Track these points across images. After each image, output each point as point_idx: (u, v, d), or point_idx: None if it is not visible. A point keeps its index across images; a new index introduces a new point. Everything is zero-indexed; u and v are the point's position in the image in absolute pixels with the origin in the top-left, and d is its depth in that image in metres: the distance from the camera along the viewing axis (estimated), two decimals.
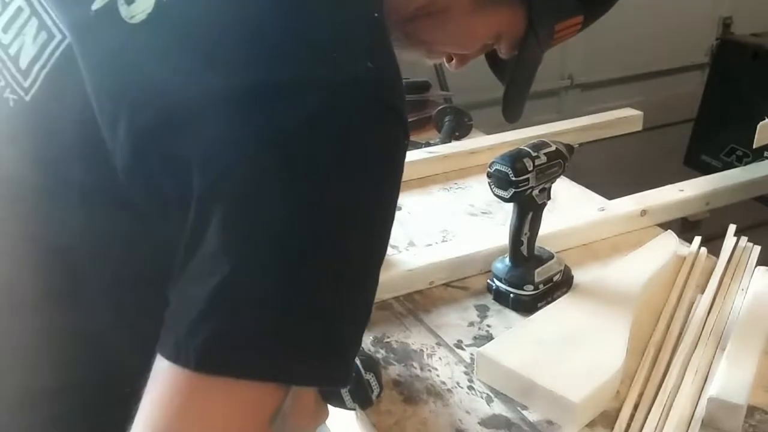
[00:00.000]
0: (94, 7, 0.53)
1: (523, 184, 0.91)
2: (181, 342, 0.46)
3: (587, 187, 1.32)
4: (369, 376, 0.75)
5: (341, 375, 0.51)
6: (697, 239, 1.10)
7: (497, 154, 0.94)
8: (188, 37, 0.50)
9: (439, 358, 0.88)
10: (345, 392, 0.74)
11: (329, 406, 0.76)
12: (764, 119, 1.25)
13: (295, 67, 0.48)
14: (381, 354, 0.89)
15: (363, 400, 0.76)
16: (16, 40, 0.57)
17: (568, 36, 0.78)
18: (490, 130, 1.56)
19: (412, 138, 1.56)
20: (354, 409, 0.76)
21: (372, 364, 0.77)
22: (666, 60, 2.67)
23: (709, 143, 2.41)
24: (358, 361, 0.76)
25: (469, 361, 0.87)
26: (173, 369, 0.45)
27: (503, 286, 0.97)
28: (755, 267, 1.03)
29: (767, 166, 1.34)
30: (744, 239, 1.10)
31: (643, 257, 1.03)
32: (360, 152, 0.49)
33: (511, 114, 0.82)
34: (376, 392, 0.76)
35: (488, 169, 0.93)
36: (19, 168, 0.56)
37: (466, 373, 0.86)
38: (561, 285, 0.98)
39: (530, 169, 0.91)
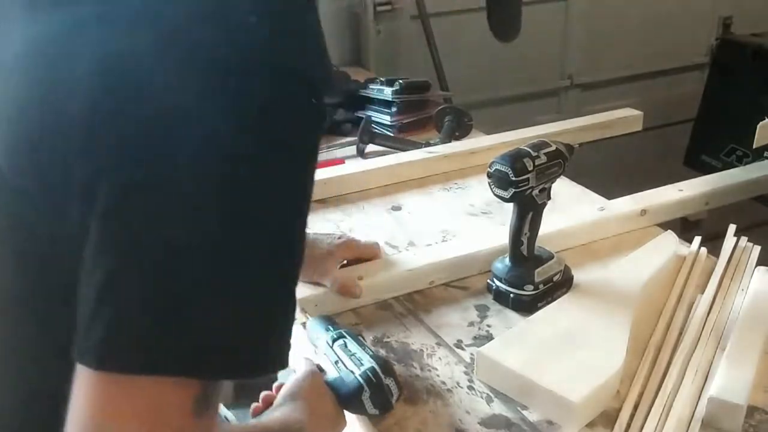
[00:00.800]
0: None
1: (523, 184, 0.91)
2: (81, 342, 0.46)
3: (587, 187, 1.33)
4: (388, 381, 0.76)
5: (253, 364, 0.50)
6: (697, 239, 1.10)
7: (497, 154, 0.94)
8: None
9: (439, 358, 0.88)
10: (366, 399, 0.75)
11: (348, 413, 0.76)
12: (764, 119, 1.25)
13: (195, 48, 0.47)
14: (381, 354, 0.89)
15: (384, 405, 0.76)
16: None
17: None
18: (490, 130, 1.56)
19: (413, 138, 1.56)
20: (376, 415, 0.77)
21: (389, 368, 0.78)
22: (666, 60, 2.66)
23: (709, 143, 2.40)
24: (377, 367, 0.76)
25: (469, 361, 0.87)
26: (82, 370, 0.46)
27: (503, 286, 0.97)
28: (755, 267, 1.03)
29: (766, 165, 1.34)
30: (744, 239, 1.10)
31: (643, 257, 1.03)
32: (266, 132, 0.48)
33: (502, 31, 0.79)
34: (395, 396, 0.77)
35: (488, 169, 0.93)
36: None
37: (466, 373, 0.86)
38: (561, 285, 0.99)
39: (530, 169, 0.91)
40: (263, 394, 0.77)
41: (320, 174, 1.58)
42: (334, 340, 0.82)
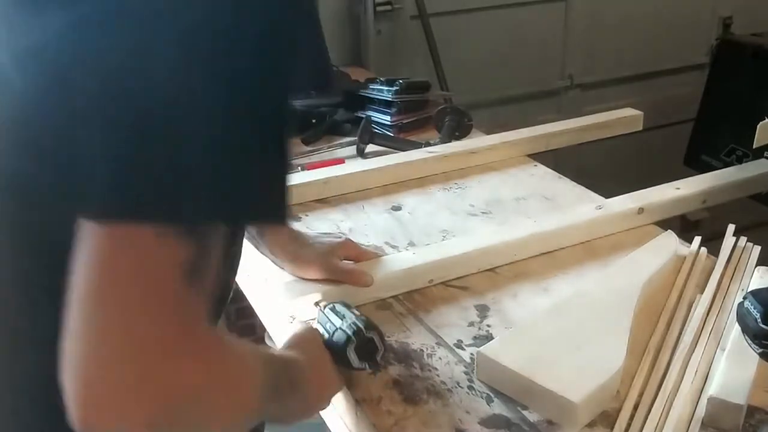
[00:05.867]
0: None
1: None
2: (84, 195, 0.46)
3: (587, 187, 1.33)
4: (371, 334, 0.79)
5: (247, 210, 0.49)
6: (697, 239, 1.10)
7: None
8: None
9: (439, 358, 0.88)
10: (351, 351, 0.77)
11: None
12: (764, 119, 1.25)
13: None
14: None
15: (369, 357, 0.79)
16: None
17: None
18: (490, 130, 1.56)
19: (413, 138, 1.56)
20: (363, 369, 0.79)
21: (372, 324, 0.81)
22: (666, 60, 2.66)
23: (709, 143, 2.40)
24: (360, 322, 0.79)
25: (469, 361, 0.87)
26: (86, 226, 0.45)
27: None
28: (755, 267, 1.03)
29: (763, 164, 1.34)
30: (743, 239, 1.10)
31: (643, 257, 1.03)
32: None
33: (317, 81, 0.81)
34: (381, 351, 0.80)
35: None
36: None
37: (466, 373, 0.86)
38: None
39: None
40: None
41: (320, 174, 1.59)
42: (325, 306, 0.85)
